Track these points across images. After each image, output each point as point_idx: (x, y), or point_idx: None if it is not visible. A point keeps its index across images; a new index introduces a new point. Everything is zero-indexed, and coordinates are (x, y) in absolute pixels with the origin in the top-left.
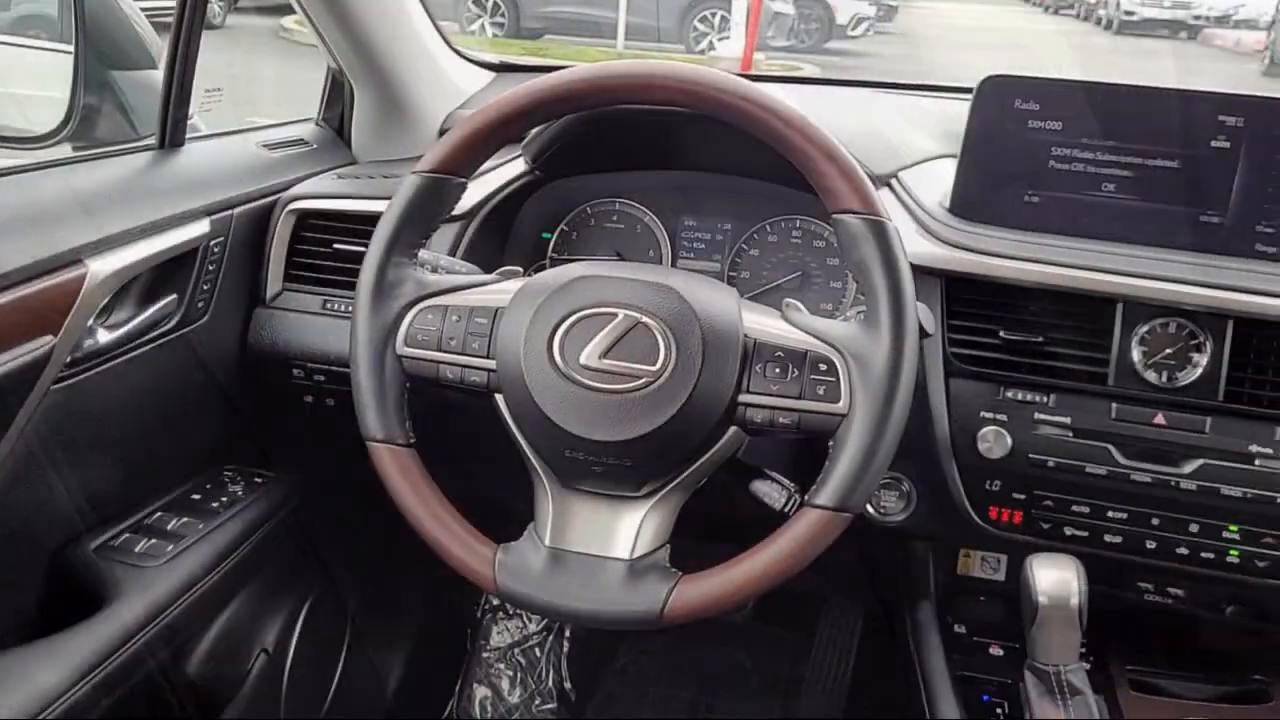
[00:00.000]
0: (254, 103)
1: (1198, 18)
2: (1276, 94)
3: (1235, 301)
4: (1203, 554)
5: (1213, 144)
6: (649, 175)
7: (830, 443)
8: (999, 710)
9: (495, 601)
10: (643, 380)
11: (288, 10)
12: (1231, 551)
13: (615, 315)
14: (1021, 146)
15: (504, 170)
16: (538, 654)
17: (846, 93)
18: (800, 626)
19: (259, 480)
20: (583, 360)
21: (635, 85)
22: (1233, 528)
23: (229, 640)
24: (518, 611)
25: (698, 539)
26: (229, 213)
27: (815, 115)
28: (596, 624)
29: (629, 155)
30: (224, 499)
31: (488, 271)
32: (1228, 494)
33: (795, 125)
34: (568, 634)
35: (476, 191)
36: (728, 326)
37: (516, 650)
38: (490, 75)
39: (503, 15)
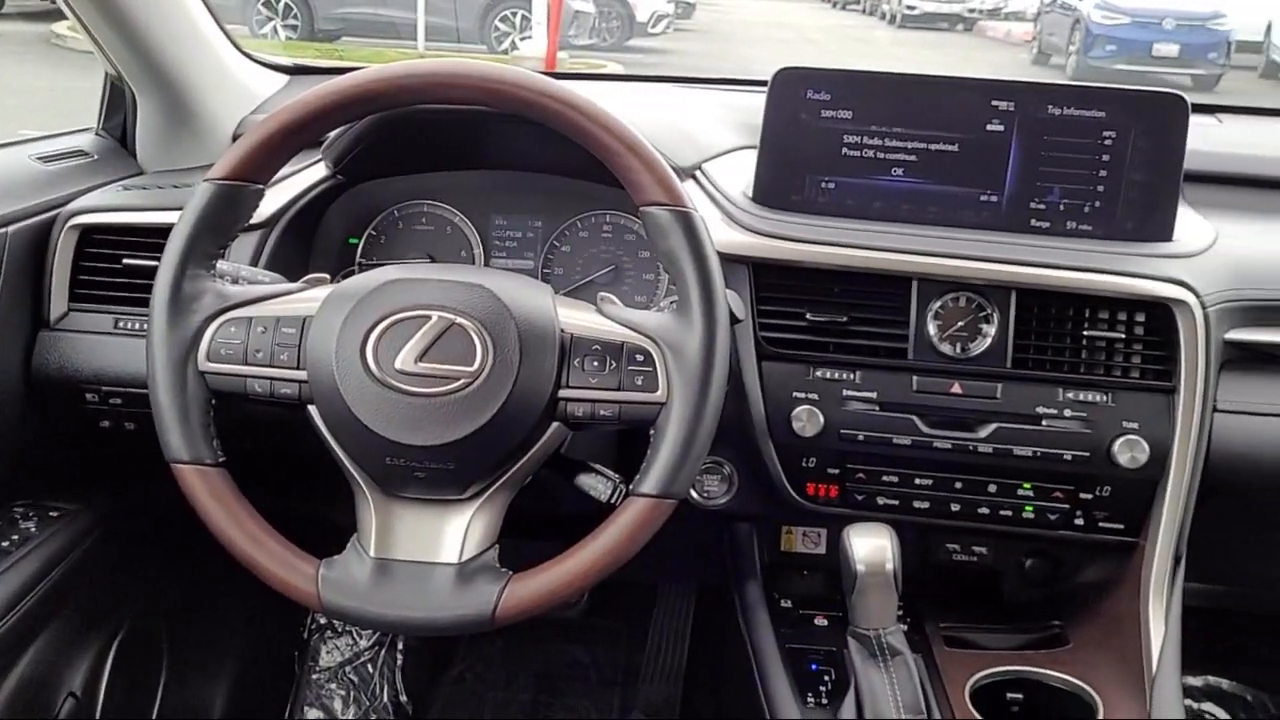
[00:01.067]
0: (24, 115)
1: (973, 11)
2: (1043, 80)
3: (1015, 274)
4: (1001, 512)
5: (988, 128)
6: (457, 175)
7: (651, 431)
8: (826, 677)
9: (323, 620)
10: (461, 381)
11: (59, 15)
12: (1026, 508)
13: (429, 317)
14: (815, 135)
15: (304, 175)
16: (370, 670)
17: (650, 89)
18: (634, 617)
19: (55, 514)
20: (398, 365)
21: (436, 84)
22: (1026, 486)
23: (32, 687)
24: (347, 628)
25: (528, 538)
26: (1, 231)
27: (619, 111)
28: (429, 631)
29: (436, 156)
30: (15, 537)
31: (293, 281)
32: (1020, 454)
33: (599, 121)
34: (401, 646)
35: (276, 198)
36: (544, 323)
37: (348, 668)
38: (284, 79)
39: (295, 17)
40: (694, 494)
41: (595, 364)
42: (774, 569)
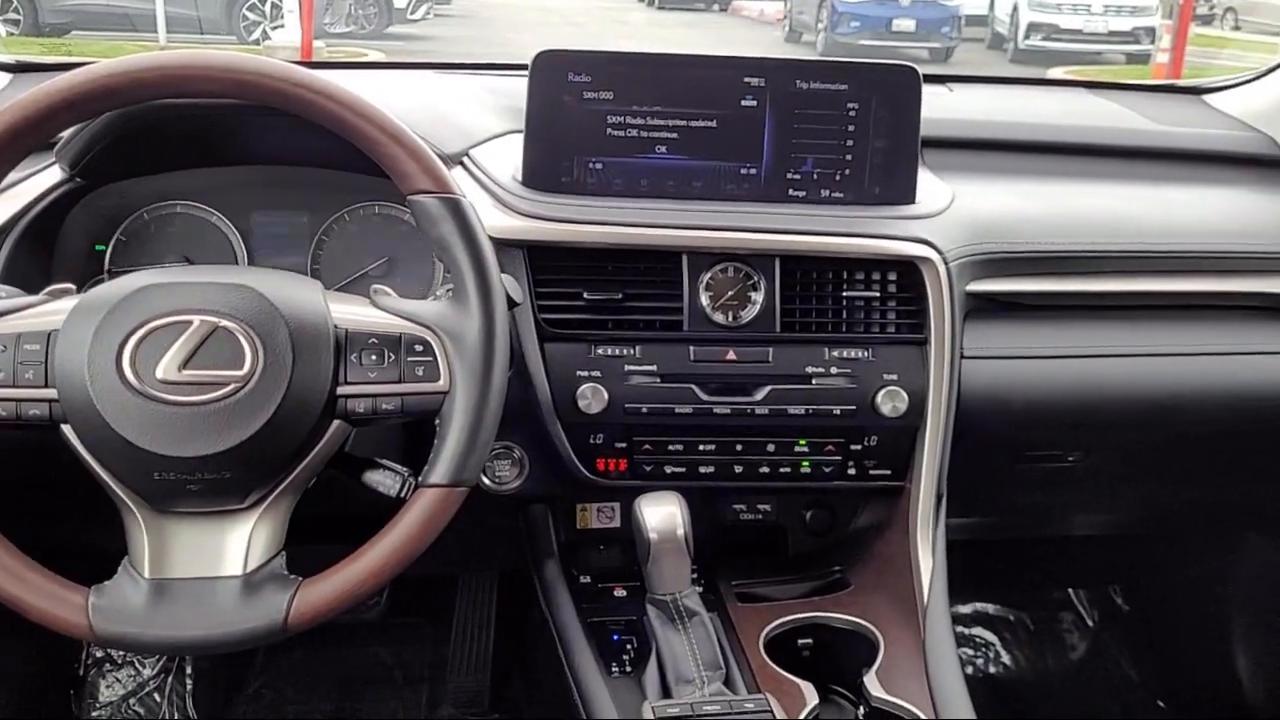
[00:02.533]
0: None
1: None
2: (793, 57)
3: (777, 243)
4: (781, 469)
5: (742, 104)
6: (213, 173)
7: (437, 421)
8: (629, 645)
9: (99, 652)
10: (231, 387)
11: None
12: (803, 464)
13: (190, 322)
14: (580, 117)
15: (37, 180)
16: (158, 699)
17: (412, 76)
18: (437, 610)
19: None
20: (160, 374)
21: (176, 78)
22: (802, 442)
23: None
24: (128, 658)
25: (319, 543)
26: None
27: (381, 100)
28: (218, 648)
29: (186, 153)
30: None
31: (33, 294)
32: (794, 413)
33: (357, 110)
34: (189, 670)
35: (5, 207)
36: (316, 320)
37: (132, 700)
38: (7, 77)
39: (17, 11)
40: (485, 480)
41: (373, 358)
42: (571, 547)
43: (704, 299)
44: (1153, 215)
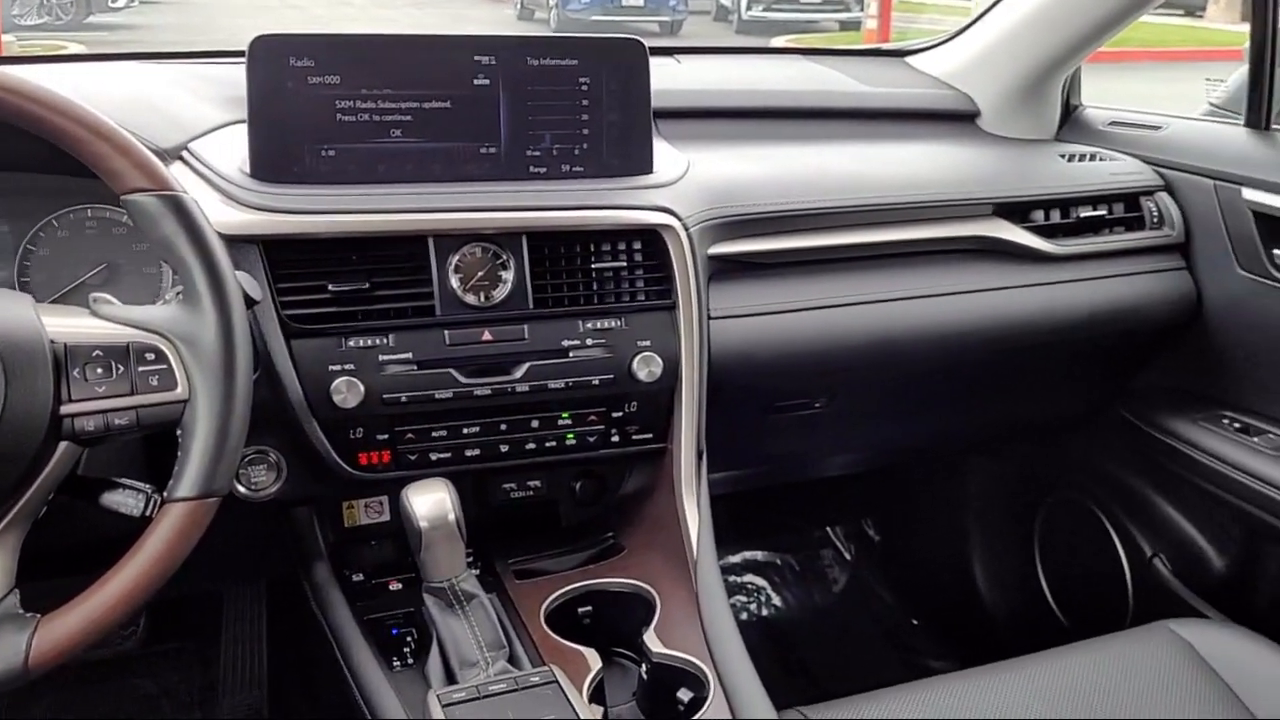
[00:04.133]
0: None
1: None
2: (524, 34)
3: (522, 220)
4: (547, 444)
5: (475, 83)
6: None
7: (179, 432)
8: (409, 638)
9: None
10: None
11: None
12: (569, 436)
13: None
14: (306, 103)
15: None
16: None
17: (118, 68)
18: (203, 630)
19: None
20: None
21: None
22: (565, 415)
23: None
24: None
25: (59, 576)
26: None
27: (83, 95)
28: None
29: None
30: None
31: None
32: (554, 387)
33: (53, 107)
34: None
35: None
36: (28, 336)
37: None
38: None
39: None
40: (241, 488)
41: (100, 371)
42: (341, 546)
43: (454, 281)
44: (872, 171)
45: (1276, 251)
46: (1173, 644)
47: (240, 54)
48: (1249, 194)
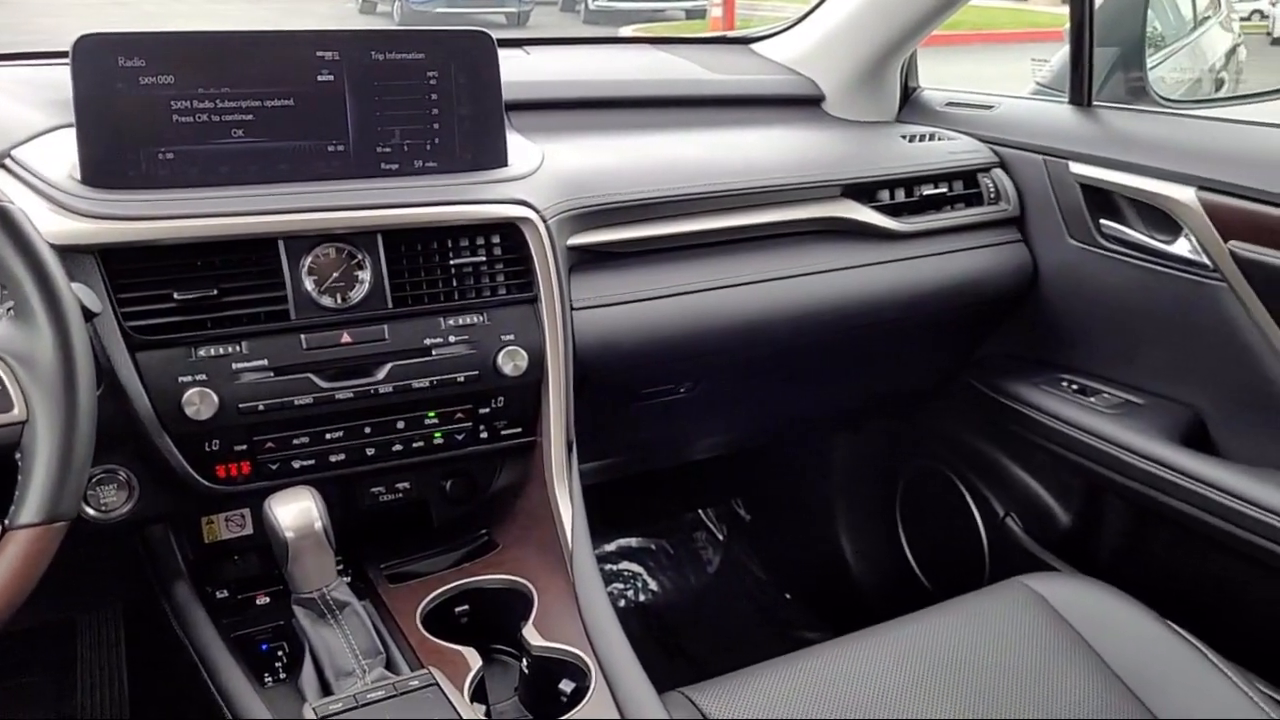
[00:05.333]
0: None
1: None
2: (367, 28)
3: (375, 218)
4: (414, 445)
5: (319, 79)
6: None
7: (18, 455)
8: (280, 652)
9: None
10: None
11: None
12: (436, 435)
13: None
14: (139, 105)
15: None
16: None
17: None
18: (54, 663)
19: None
20: None
21: None
22: (431, 414)
23: None
24: None
25: None
26: None
27: None
28: None
29: None
30: None
31: None
32: (419, 386)
33: None
34: None
35: None
36: None
37: None
38: None
39: None
40: (90, 510)
41: None
42: (202, 563)
43: (308, 284)
44: (724, 157)
45: (1104, 221)
46: (1027, 598)
47: (63, 55)
48: (1076, 168)
